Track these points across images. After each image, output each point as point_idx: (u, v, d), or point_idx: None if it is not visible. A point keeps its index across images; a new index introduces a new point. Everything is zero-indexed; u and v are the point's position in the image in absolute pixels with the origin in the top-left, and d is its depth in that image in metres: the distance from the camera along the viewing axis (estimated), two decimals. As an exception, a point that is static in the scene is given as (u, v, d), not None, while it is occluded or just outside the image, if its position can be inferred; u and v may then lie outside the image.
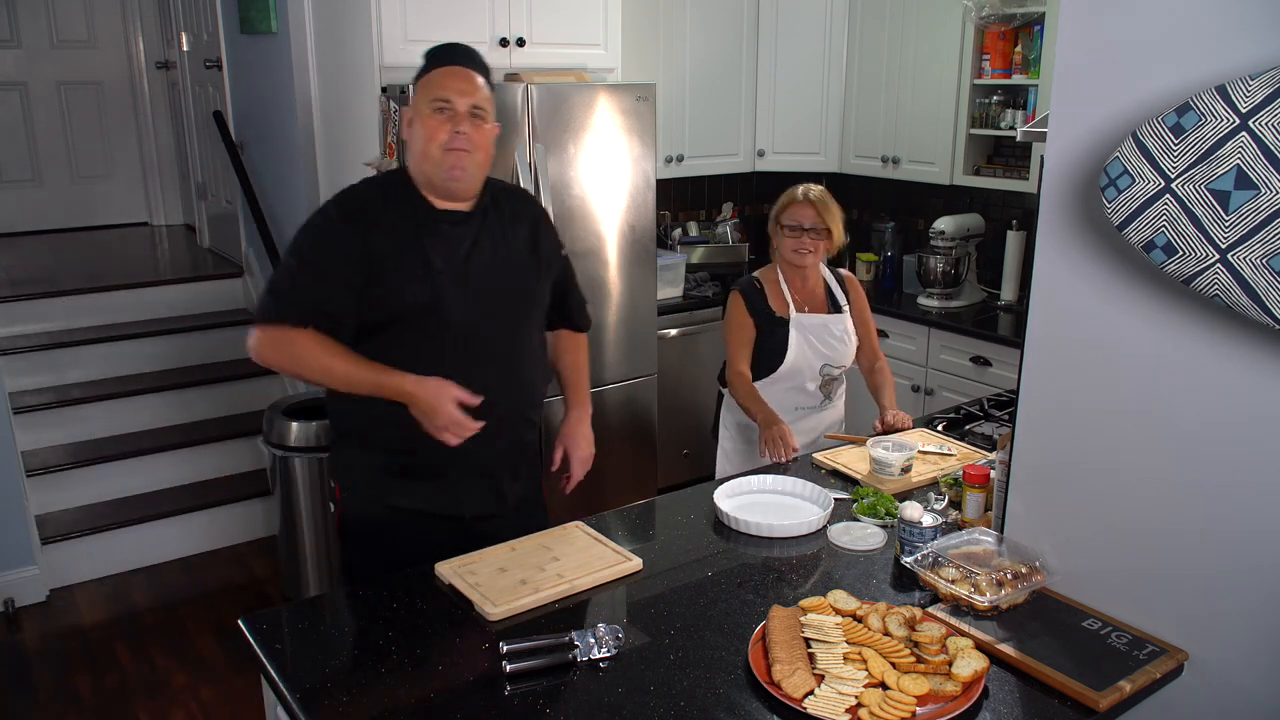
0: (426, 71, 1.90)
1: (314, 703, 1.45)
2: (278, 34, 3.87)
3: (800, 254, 2.70)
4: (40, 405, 3.90)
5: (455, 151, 1.84)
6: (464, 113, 1.85)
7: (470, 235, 1.92)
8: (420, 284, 1.86)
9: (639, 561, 1.83)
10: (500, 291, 1.94)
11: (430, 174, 1.87)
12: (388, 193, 1.92)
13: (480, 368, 1.90)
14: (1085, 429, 1.63)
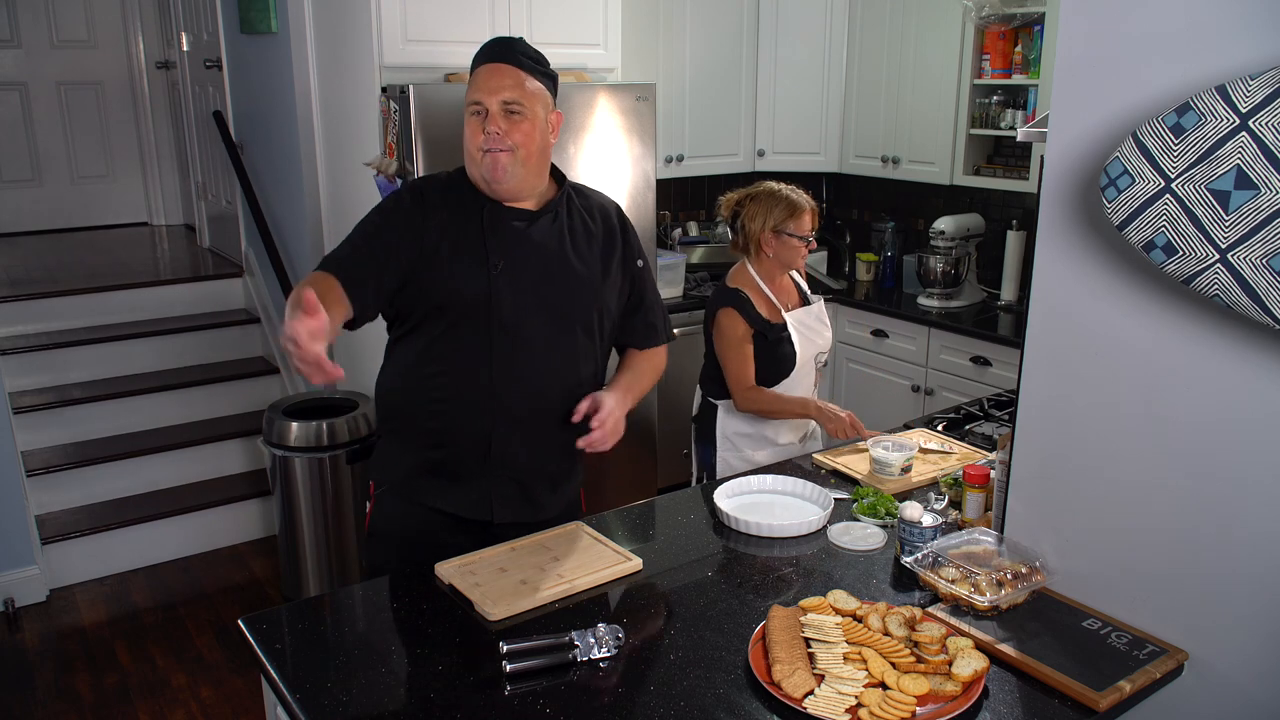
0: (471, 71, 1.88)
1: (314, 703, 1.45)
2: (278, 34, 3.87)
3: (802, 259, 2.69)
4: (40, 405, 3.90)
5: (491, 153, 1.81)
6: (496, 112, 1.81)
7: (534, 233, 1.89)
8: (474, 277, 1.84)
9: (639, 561, 1.83)
10: (556, 294, 1.89)
11: (475, 177, 1.87)
12: (454, 187, 1.92)
13: (527, 368, 1.88)
14: (1085, 429, 1.63)
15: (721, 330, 2.67)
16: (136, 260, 5.20)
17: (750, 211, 2.66)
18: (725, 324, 2.65)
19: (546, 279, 1.88)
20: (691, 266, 4.39)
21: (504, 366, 1.86)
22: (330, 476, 3.37)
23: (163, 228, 6.20)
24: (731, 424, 2.71)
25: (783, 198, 2.65)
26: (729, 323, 2.64)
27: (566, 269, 1.90)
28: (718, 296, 2.72)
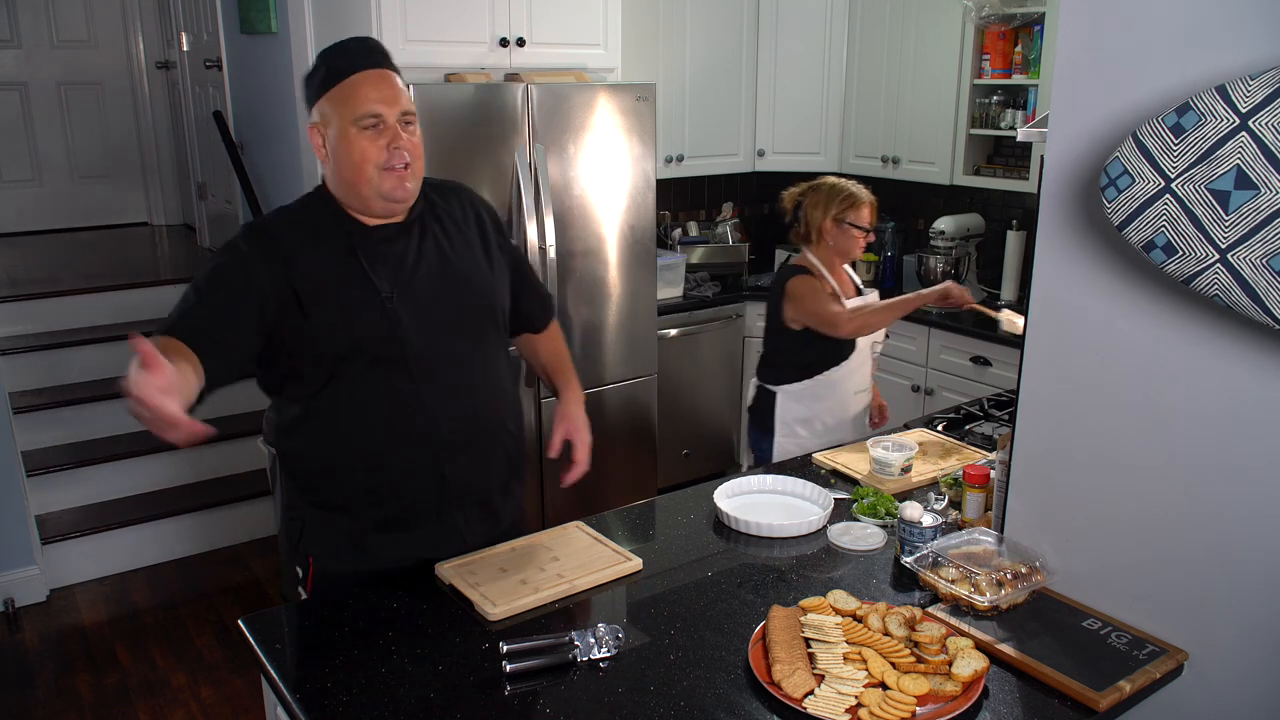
0: (335, 79, 1.66)
1: (314, 703, 1.45)
2: (278, 34, 3.87)
3: (860, 250, 2.84)
4: (40, 405, 3.90)
5: (395, 170, 1.66)
6: (396, 124, 1.66)
7: (412, 247, 1.74)
8: (370, 313, 1.68)
9: (639, 561, 1.83)
10: (456, 306, 1.77)
11: (368, 197, 1.68)
12: (309, 218, 1.73)
13: (449, 390, 1.76)
14: (1085, 429, 1.63)
15: (805, 288, 2.77)
16: (137, 260, 5.21)
17: (812, 200, 2.83)
18: (805, 284, 2.77)
19: (441, 293, 1.75)
20: (691, 266, 4.40)
21: (434, 395, 1.74)
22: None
23: (163, 228, 6.20)
24: (791, 409, 2.84)
25: (844, 189, 2.81)
26: (807, 282, 2.77)
27: (456, 276, 1.78)
28: (788, 272, 2.84)
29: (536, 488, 3.56)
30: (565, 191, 3.45)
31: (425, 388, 1.74)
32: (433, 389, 1.74)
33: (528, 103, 3.30)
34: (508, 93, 3.27)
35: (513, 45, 3.46)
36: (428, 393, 1.74)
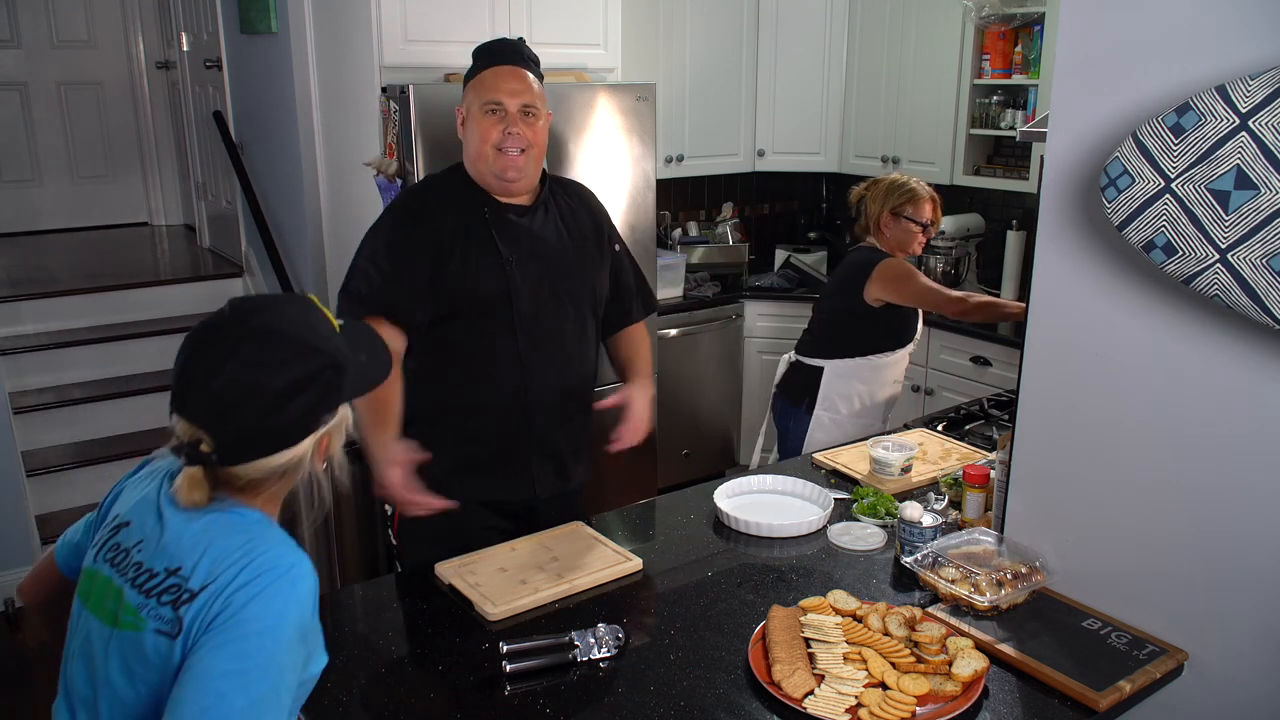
0: (477, 71, 1.94)
1: (314, 703, 1.45)
2: (278, 34, 3.87)
3: (919, 246, 2.94)
4: (40, 405, 3.90)
5: (507, 153, 1.89)
6: (515, 113, 1.90)
7: (535, 226, 1.98)
8: (491, 275, 1.91)
9: (639, 561, 1.83)
10: (564, 280, 1.99)
11: (485, 173, 1.94)
12: (450, 190, 1.98)
13: (546, 353, 1.97)
14: (1085, 429, 1.63)
15: (900, 273, 2.83)
16: (136, 260, 5.20)
17: (872, 194, 2.93)
18: (899, 265, 2.84)
19: (552, 268, 1.98)
20: (691, 266, 4.39)
21: (533, 356, 1.96)
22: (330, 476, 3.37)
23: (163, 228, 6.19)
24: (835, 385, 2.91)
25: (904, 183, 2.92)
26: (901, 264, 2.85)
27: (568, 257, 2.01)
28: (871, 254, 2.88)
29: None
30: (565, 191, 3.45)
31: (525, 346, 1.96)
32: (531, 349, 1.96)
33: (528, 103, 3.30)
34: (508, 93, 3.27)
35: (513, 45, 3.46)
36: (526, 351, 1.96)
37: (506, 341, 1.95)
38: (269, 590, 1.04)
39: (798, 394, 2.97)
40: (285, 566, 1.06)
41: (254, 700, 1.00)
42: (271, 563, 1.06)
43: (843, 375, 2.90)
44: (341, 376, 1.13)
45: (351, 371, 1.15)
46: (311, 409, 1.11)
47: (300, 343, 1.10)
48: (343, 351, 1.14)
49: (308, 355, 1.10)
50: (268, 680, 1.02)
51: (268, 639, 1.02)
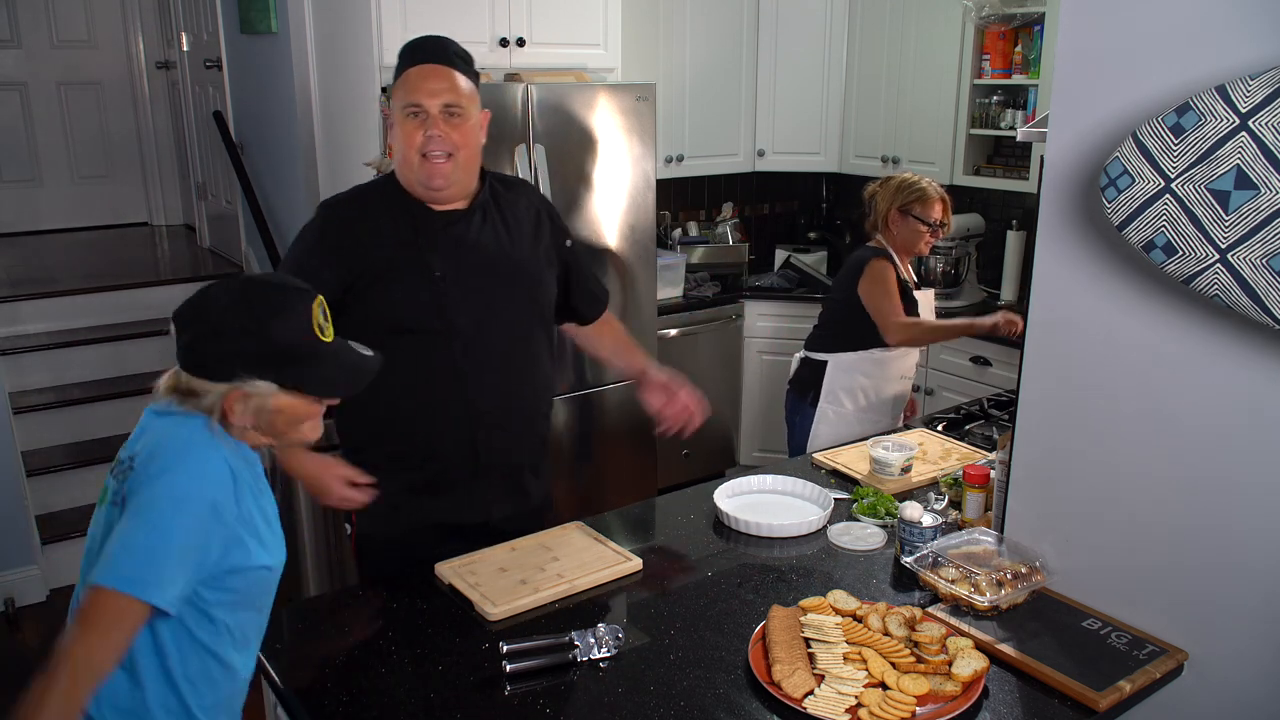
0: (399, 72, 1.81)
1: (314, 703, 1.45)
2: (278, 34, 3.87)
3: (926, 245, 2.92)
4: (40, 405, 3.90)
5: (431, 158, 1.77)
6: (437, 115, 1.76)
7: (470, 234, 1.86)
8: (423, 292, 1.82)
9: (639, 561, 1.83)
10: (505, 291, 1.89)
11: (412, 182, 1.82)
12: (379, 200, 1.86)
13: (490, 368, 1.88)
14: (1085, 428, 1.63)
15: (876, 274, 2.84)
16: (136, 260, 5.20)
17: (883, 191, 2.92)
18: (880, 270, 2.84)
19: (491, 278, 1.87)
20: (691, 266, 4.39)
21: (474, 371, 1.86)
22: (330, 476, 3.37)
23: (163, 228, 6.19)
24: (838, 378, 2.92)
25: (915, 182, 2.91)
26: (882, 269, 2.84)
27: (507, 264, 1.89)
28: (868, 252, 2.91)
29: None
30: (565, 191, 3.45)
31: (467, 364, 1.86)
32: (474, 366, 1.86)
33: (528, 103, 3.30)
34: (508, 93, 3.27)
35: (513, 45, 3.46)
36: (469, 368, 1.86)
37: (445, 359, 1.84)
38: (175, 466, 1.26)
39: (804, 388, 3.00)
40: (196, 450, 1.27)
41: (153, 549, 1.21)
42: (185, 446, 1.27)
43: (845, 369, 2.91)
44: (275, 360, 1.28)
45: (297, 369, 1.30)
46: (228, 357, 1.27)
47: (253, 310, 1.28)
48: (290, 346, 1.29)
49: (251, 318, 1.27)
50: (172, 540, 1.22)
51: (169, 506, 1.23)
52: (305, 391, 1.32)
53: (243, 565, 1.31)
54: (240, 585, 1.33)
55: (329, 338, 1.34)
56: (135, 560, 1.21)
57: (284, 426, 1.34)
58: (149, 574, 1.21)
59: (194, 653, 1.32)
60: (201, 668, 1.34)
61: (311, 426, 1.38)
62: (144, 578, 1.20)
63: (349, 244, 1.81)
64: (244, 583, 1.33)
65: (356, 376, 1.38)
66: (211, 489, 1.26)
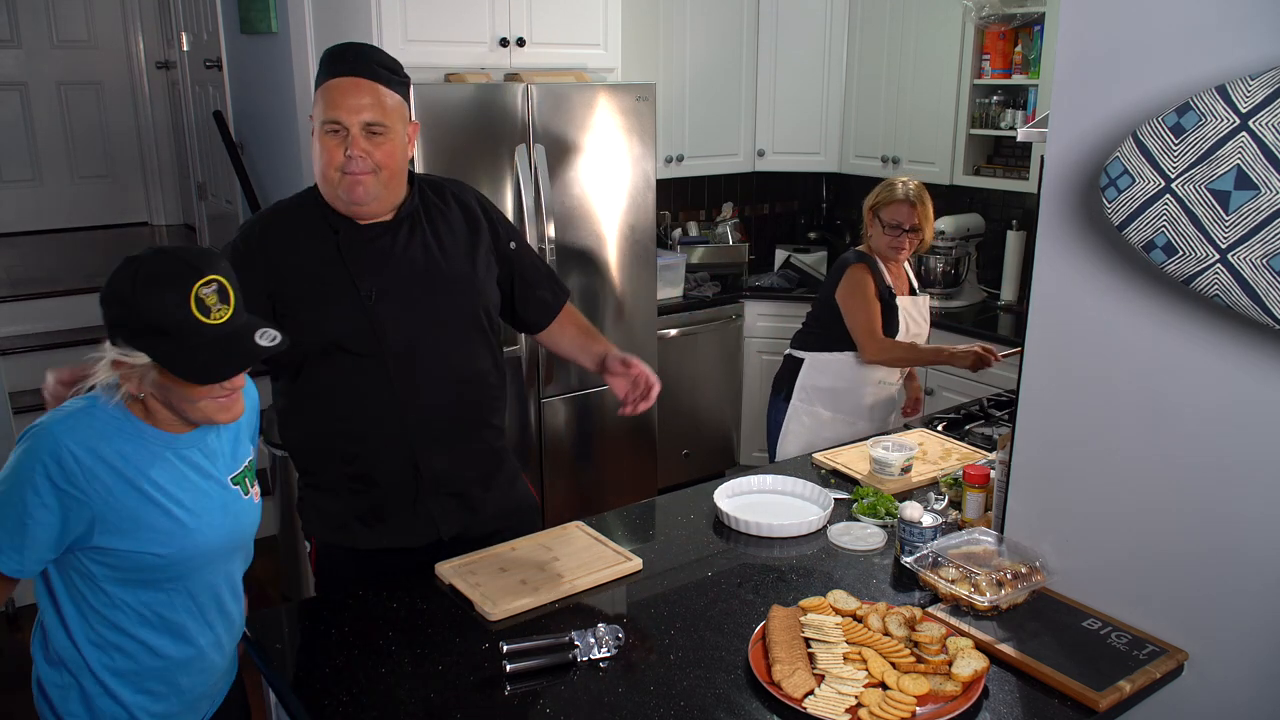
0: (320, 82, 1.71)
1: (314, 703, 1.45)
2: (278, 34, 3.87)
3: (896, 250, 2.83)
4: (40, 405, 3.89)
5: (352, 176, 1.69)
6: (358, 133, 1.67)
7: (398, 247, 1.77)
8: (349, 310, 1.73)
9: (639, 561, 1.83)
10: (439, 304, 1.80)
11: (333, 197, 1.73)
12: (297, 217, 1.78)
13: (426, 384, 1.80)
14: (1085, 429, 1.63)
15: (855, 282, 2.80)
16: (136, 260, 5.20)
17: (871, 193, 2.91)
18: (859, 277, 2.80)
19: (423, 292, 1.79)
20: (691, 266, 4.40)
21: (409, 391, 1.79)
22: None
23: (163, 228, 6.20)
24: (812, 376, 2.90)
25: (890, 182, 2.86)
26: (862, 276, 2.80)
27: (440, 276, 1.81)
28: (851, 256, 2.88)
29: (537, 487, 3.55)
30: (565, 191, 3.45)
31: (401, 383, 1.78)
32: (408, 385, 1.79)
33: (528, 103, 3.30)
34: (508, 93, 3.27)
35: (513, 45, 3.46)
36: (403, 388, 1.79)
37: (378, 380, 1.76)
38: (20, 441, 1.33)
39: (780, 383, 3.01)
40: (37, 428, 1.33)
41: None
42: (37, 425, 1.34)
43: (820, 369, 2.91)
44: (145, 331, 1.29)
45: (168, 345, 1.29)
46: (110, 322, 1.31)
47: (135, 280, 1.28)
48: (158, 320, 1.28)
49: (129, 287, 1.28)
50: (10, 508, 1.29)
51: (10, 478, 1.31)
52: (169, 368, 1.30)
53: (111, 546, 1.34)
54: (120, 564, 1.36)
55: (217, 320, 1.30)
56: None
57: (178, 401, 1.35)
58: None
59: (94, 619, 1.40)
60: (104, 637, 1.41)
61: (215, 407, 1.36)
62: None
63: (271, 263, 1.73)
64: (124, 562, 1.36)
65: (234, 363, 1.34)
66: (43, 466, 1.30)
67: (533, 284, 2.00)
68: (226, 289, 1.32)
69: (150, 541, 1.36)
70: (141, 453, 1.36)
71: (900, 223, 2.80)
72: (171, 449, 1.39)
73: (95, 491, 1.31)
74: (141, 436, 1.37)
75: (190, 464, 1.41)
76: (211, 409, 1.36)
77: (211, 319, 1.30)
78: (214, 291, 1.30)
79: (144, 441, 1.37)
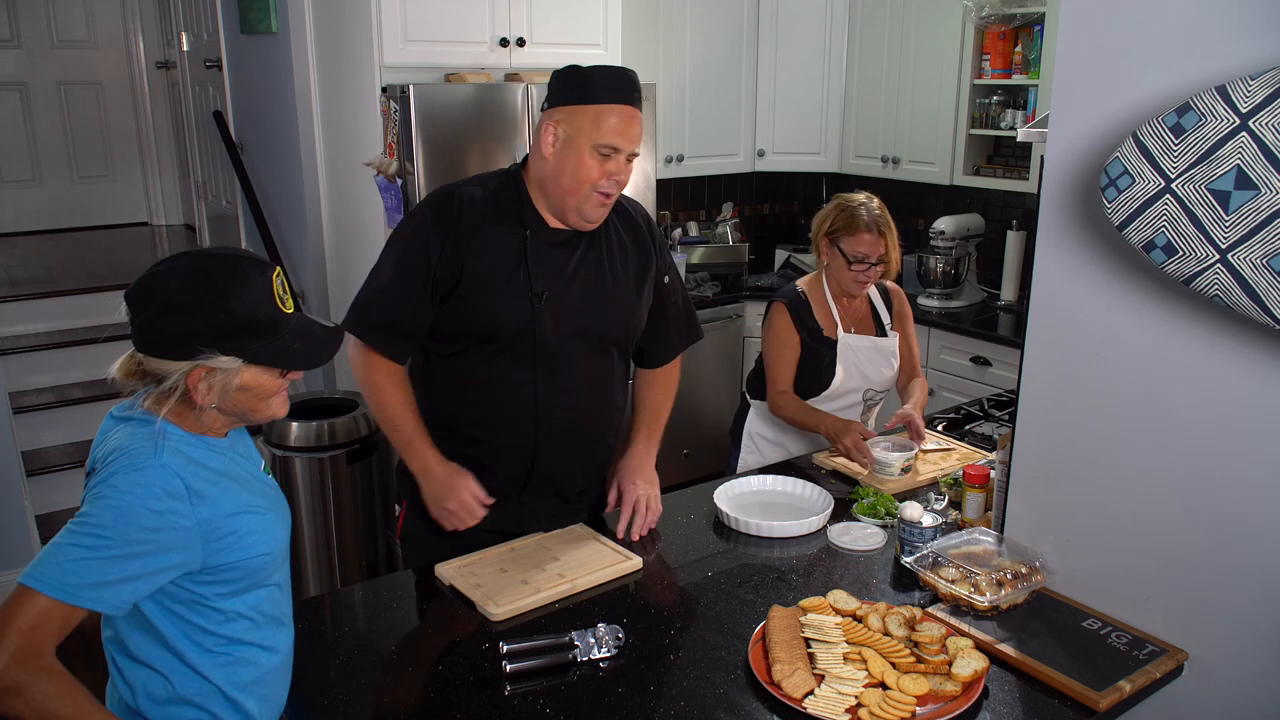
0: (595, 99, 1.76)
1: (314, 703, 1.45)
2: (278, 34, 3.87)
3: (861, 285, 2.46)
4: (40, 405, 3.90)
5: (606, 197, 1.80)
6: (624, 161, 1.81)
7: (576, 257, 1.86)
8: (520, 307, 1.81)
9: (639, 561, 1.83)
10: (596, 317, 1.88)
11: (569, 208, 1.80)
12: (496, 202, 1.83)
13: (567, 389, 1.88)
14: (1085, 429, 1.63)
15: (770, 325, 2.54)
16: (136, 260, 5.20)
17: (821, 213, 2.51)
18: (774, 319, 2.53)
19: (586, 305, 1.86)
20: (691, 266, 4.40)
21: (548, 391, 1.86)
22: (330, 476, 3.37)
23: (163, 228, 6.20)
24: (757, 424, 2.65)
25: (850, 206, 2.44)
26: (777, 319, 2.52)
27: (605, 295, 1.89)
28: (780, 293, 2.58)
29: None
30: (565, 191, 3.45)
31: (542, 383, 1.86)
32: (548, 386, 1.87)
33: (528, 103, 3.30)
34: (508, 93, 3.27)
35: (513, 45, 3.46)
36: (543, 388, 1.87)
37: (522, 376, 1.85)
38: (119, 474, 1.22)
39: (734, 428, 2.73)
40: (141, 458, 1.23)
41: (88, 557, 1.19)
42: (132, 454, 1.24)
43: (764, 416, 2.61)
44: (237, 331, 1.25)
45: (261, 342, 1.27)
46: (188, 333, 1.23)
47: (213, 281, 1.24)
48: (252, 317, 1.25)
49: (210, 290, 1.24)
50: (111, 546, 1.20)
51: (109, 513, 1.20)
52: (270, 364, 1.29)
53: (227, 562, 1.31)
54: (235, 576, 1.33)
55: (290, 309, 1.31)
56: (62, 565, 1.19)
57: (250, 403, 1.32)
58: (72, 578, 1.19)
59: (211, 642, 1.33)
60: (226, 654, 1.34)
61: (280, 402, 1.35)
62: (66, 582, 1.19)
63: (464, 241, 1.79)
64: (238, 573, 1.33)
65: (320, 347, 1.35)
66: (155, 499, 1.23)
67: (669, 322, 2.06)
68: (285, 278, 1.33)
69: (256, 544, 1.33)
70: (218, 462, 1.34)
71: (866, 255, 2.40)
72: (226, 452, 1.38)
73: (204, 515, 1.27)
74: (209, 446, 1.34)
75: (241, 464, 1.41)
76: (277, 404, 1.35)
77: (287, 308, 1.30)
78: (283, 282, 1.31)
79: (213, 451, 1.34)
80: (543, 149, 1.80)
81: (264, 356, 1.28)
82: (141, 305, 1.25)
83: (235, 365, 1.26)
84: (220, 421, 1.34)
